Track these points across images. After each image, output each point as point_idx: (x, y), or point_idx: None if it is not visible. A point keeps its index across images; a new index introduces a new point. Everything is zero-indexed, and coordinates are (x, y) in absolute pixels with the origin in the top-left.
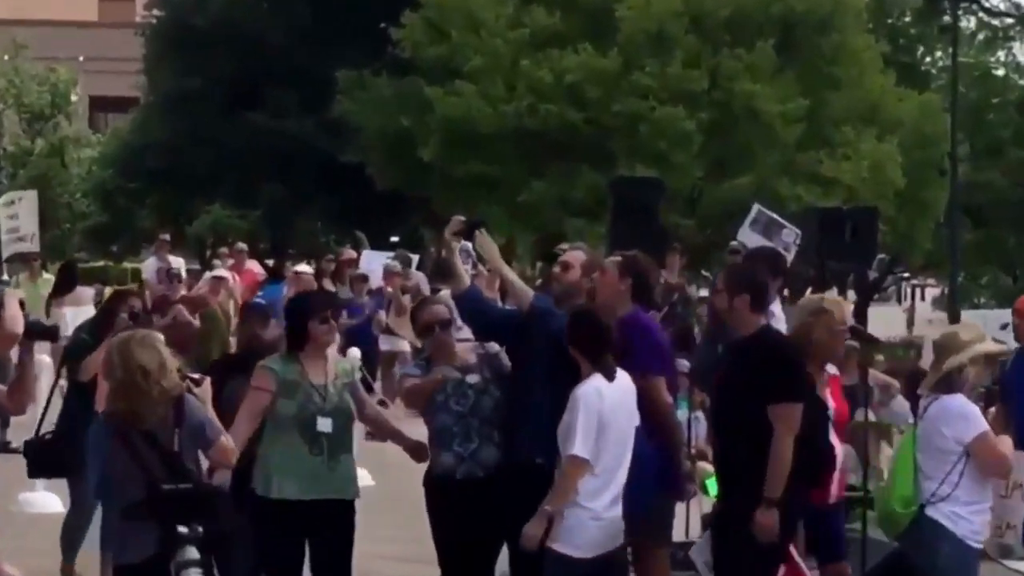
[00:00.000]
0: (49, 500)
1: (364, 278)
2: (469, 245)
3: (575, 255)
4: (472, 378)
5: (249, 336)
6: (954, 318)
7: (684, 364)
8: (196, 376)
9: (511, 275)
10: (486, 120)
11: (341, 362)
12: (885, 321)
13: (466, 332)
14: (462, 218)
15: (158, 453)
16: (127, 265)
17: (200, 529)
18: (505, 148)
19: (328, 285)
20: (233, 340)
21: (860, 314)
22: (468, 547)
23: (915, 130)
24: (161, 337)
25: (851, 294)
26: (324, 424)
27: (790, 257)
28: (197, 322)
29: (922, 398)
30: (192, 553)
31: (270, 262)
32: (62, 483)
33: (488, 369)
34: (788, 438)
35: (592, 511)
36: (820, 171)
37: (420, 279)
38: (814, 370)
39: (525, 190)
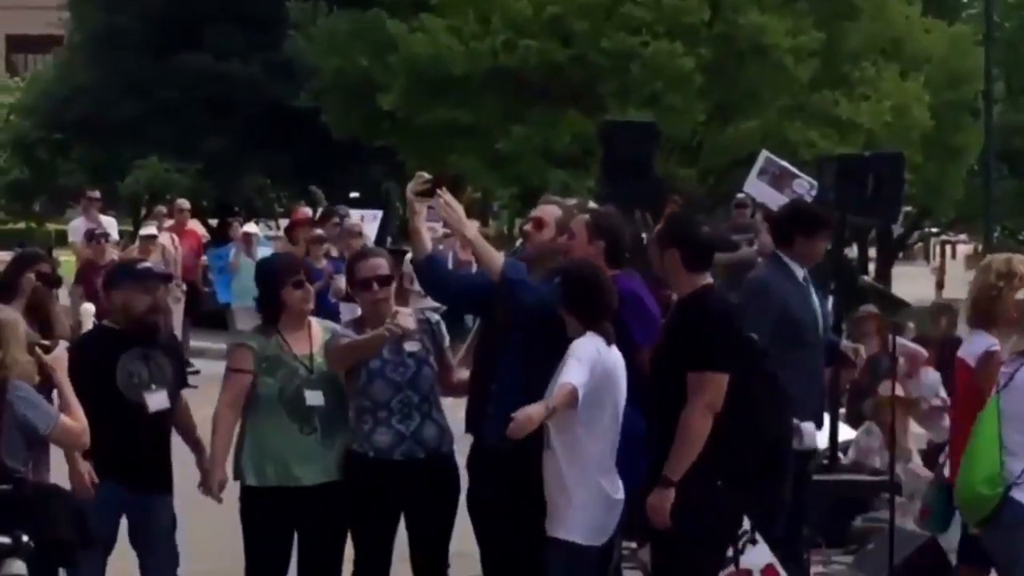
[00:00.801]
0: None
1: (320, 239)
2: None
3: (548, 210)
4: (411, 346)
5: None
6: None
7: None
8: (46, 342)
9: (479, 240)
10: (457, 59)
11: (323, 327)
12: (912, 282)
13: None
14: (426, 175)
15: None
16: (51, 226)
17: (25, 538)
18: (479, 91)
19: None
20: (179, 309)
21: (883, 274)
22: (388, 531)
23: (944, 66)
24: (4, 315)
25: (872, 252)
26: (313, 397)
27: None
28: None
29: (1003, 365)
30: (16, 568)
31: (213, 222)
32: None
33: (428, 338)
34: (700, 411)
35: (604, 490)
36: (836, 113)
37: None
38: (1000, 341)
39: (502, 138)
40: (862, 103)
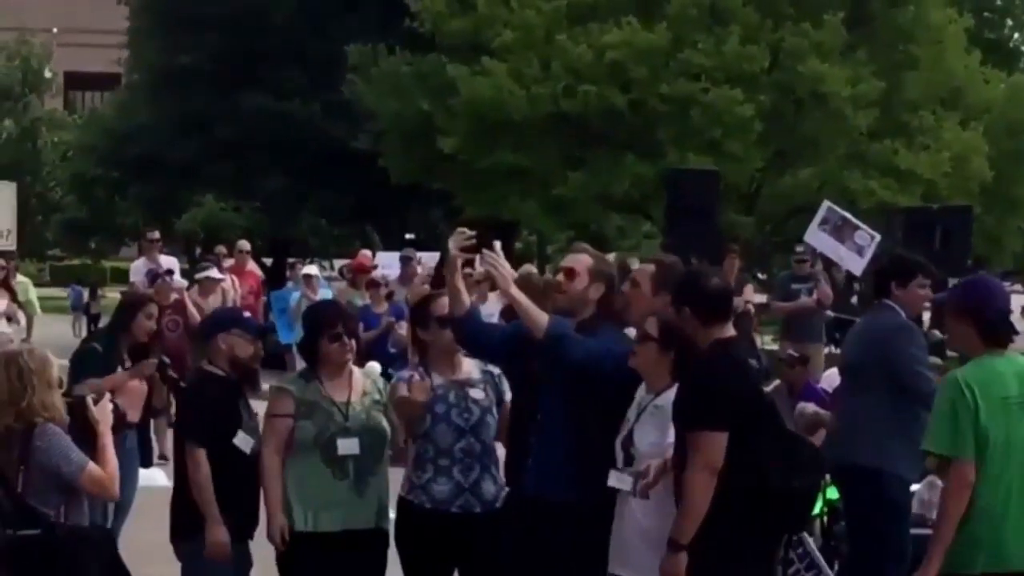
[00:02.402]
0: (155, 474)
1: (378, 283)
2: (497, 244)
3: (580, 259)
4: (476, 393)
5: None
6: None
7: None
8: (93, 395)
9: (524, 301)
10: (517, 103)
11: (368, 376)
12: None
13: None
14: (468, 231)
15: (5, 493)
16: (106, 263)
17: None
18: (538, 135)
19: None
20: None
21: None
22: None
23: (1003, 116)
24: (33, 359)
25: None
26: (347, 446)
27: (864, 263)
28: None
29: None
30: None
31: (267, 261)
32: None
33: (492, 390)
34: (701, 472)
35: None
36: (895, 163)
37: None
38: None
39: (561, 183)
40: (921, 153)
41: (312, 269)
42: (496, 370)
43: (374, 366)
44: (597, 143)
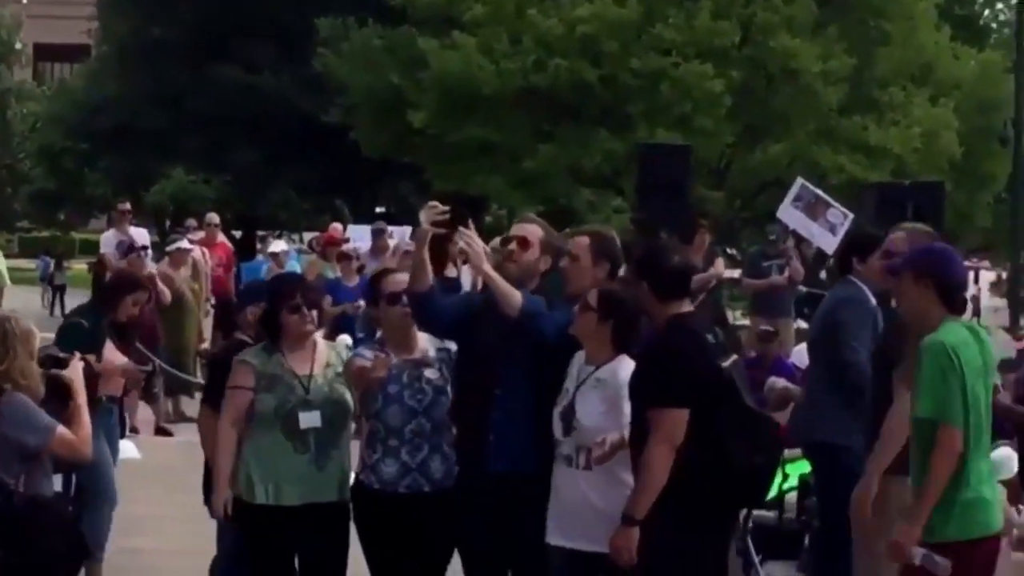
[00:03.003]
0: (126, 446)
1: (350, 256)
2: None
3: (532, 230)
4: (431, 373)
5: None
6: (1017, 304)
7: None
8: (62, 355)
9: (497, 279)
10: (487, 77)
11: (333, 349)
12: None
13: None
14: (441, 206)
15: None
16: (75, 235)
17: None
18: (508, 109)
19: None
20: (208, 323)
21: None
22: (394, 563)
23: (973, 93)
24: (18, 325)
25: None
26: (308, 419)
27: (836, 241)
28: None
29: None
30: None
31: (237, 234)
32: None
33: (446, 368)
34: (660, 448)
35: None
36: (865, 139)
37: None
38: None
39: (531, 157)
40: (891, 129)
41: (280, 246)
42: (452, 346)
43: (344, 339)
44: (567, 117)
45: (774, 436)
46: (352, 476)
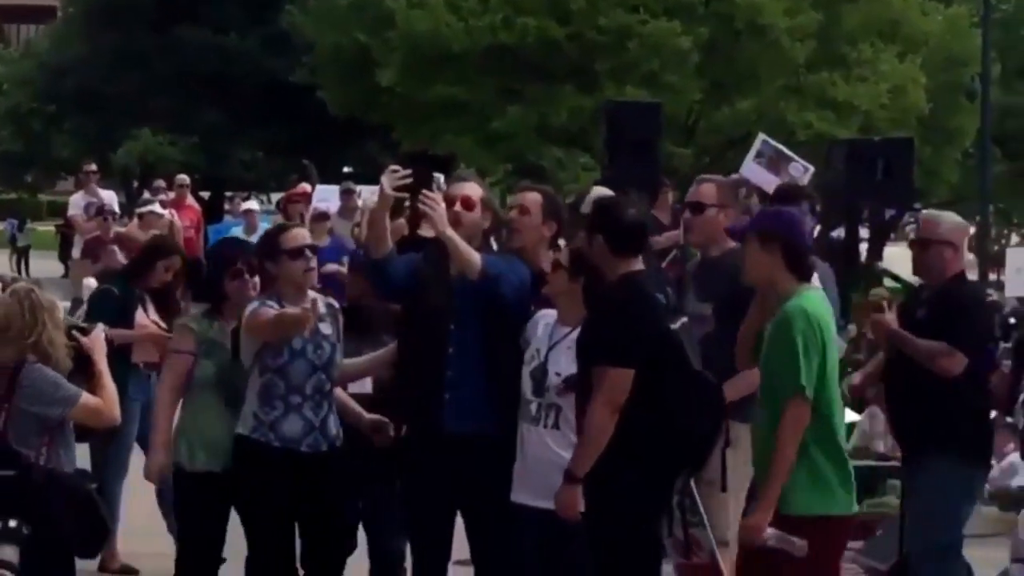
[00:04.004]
0: None
1: (324, 216)
2: (441, 178)
3: (473, 188)
4: (325, 328)
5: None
6: (985, 259)
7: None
8: (84, 325)
9: (458, 240)
10: (456, 36)
11: None
12: (904, 263)
13: None
14: (402, 170)
15: None
16: (43, 197)
17: (15, 524)
18: (476, 68)
19: None
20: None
21: (875, 254)
22: (290, 525)
23: (941, 48)
24: (43, 296)
25: (864, 232)
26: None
27: None
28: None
29: None
30: (6, 553)
31: (204, 195)
32: None
33: (336, 325)
34: (603, 407)
35: None
36: (833, 95)
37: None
38: None
39: (498, 116)
40: (858, 85)
41: (252, 204)
42: (337, 304)
43: None
44: (535, 76)
45: (719, 399)
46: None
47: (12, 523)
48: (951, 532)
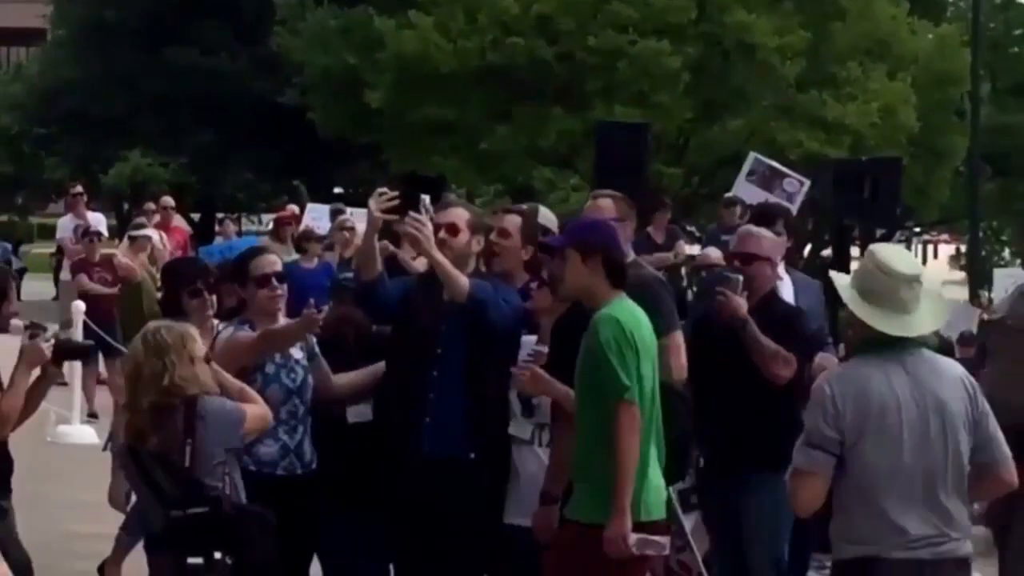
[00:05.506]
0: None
1: (312, 235)
2: (427, 199)
3: (458, 213)
4: (297, 353)
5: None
6: (974, 277)
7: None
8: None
9: (445, 263)
10: (444, 57)
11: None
12: None
13: None
14: (389, 192)
15: (169, 473)
16: (34, 220)
17: (220, 556)
18: (465, 89)
19: None
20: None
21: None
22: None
23: (930, 67)
24: (170, 334)
25: (855, 251)
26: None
27: (795, 208)
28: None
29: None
30: None
31: (195, 216)
32: None
33: (307, 349)
34: (566, 426)
35: None
36: (823, 114)
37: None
38: None
39: (488, 137)
40: (848, 104)
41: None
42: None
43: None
44: (524, 96)
45: (688, 411)
46: None
47: (217, 555)
48: (785, 543)
